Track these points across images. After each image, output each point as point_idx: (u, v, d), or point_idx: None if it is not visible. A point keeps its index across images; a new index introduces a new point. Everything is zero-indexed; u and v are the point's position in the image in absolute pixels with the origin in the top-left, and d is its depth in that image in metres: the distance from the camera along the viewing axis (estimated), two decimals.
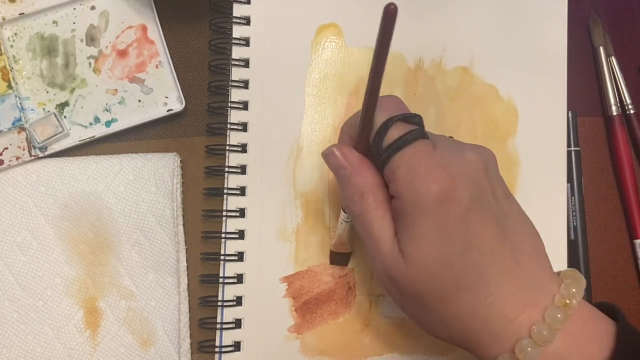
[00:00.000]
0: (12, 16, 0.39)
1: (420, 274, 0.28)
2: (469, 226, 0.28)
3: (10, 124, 0.39)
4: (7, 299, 0.38)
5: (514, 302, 0.28)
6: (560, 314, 0.27)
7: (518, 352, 0.27)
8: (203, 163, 0.40)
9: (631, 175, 0.41)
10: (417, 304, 0.29)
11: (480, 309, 0.28)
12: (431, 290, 0.28)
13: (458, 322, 0.29)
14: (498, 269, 0.28)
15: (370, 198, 0.30)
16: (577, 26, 0.42)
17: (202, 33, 0.41)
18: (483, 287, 0.28)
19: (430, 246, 0.28)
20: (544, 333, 0.27)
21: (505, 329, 0.28)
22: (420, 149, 0.28)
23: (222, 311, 0.38)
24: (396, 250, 0.29)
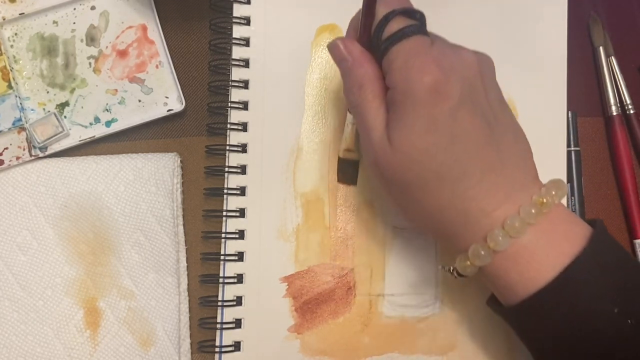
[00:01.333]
0: (12, 16, 0.39)
1: (404, 161, 0.29)
2: (456, 121, 0.29)
3: (10, 124, 0.39)
4: (7, 299, 0.38)
5: (492, 198, 0.29)
6: (535, 210, 0.29)
7: (489, 241, 0.29)
8: (203, 163, 0.40)
9: (631, 175, 0.41)
10: (401, 192, 0.31)
11: (459, 201, 0.29)
12: (414, 178, 0.30)
13: (437, 212, 0.30)
14: (480, 166, 0.29)
15: (368, 89, 0.31)
16: (577, 26, 0.42)
17: (202, 33, 0.41)
18: (463, 180, 0.29)
19: (416, 135, 0.29)
20: (516, 225, 0.29)
21: (480, 221, 0.29)
22: (418, 43, 0.29)
23: (222, 311, 0.38)
24: (385, 139, 0.30)
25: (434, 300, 0.38)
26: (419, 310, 0.38)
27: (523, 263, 0.29)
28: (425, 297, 0.38)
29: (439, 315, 0.38)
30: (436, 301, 0.38)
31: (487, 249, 0.29)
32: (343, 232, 0.39)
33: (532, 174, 0.31)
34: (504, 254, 0.29)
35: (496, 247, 0.29)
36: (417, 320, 0.38)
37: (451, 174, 0.29)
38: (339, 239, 0.39)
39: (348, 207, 0.39)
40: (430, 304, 0.38)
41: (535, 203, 0.29)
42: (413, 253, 0.39)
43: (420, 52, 0.29)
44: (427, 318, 0.38)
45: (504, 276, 0.30)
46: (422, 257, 0.39)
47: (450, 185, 0.29)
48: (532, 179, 0.31)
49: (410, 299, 0.38)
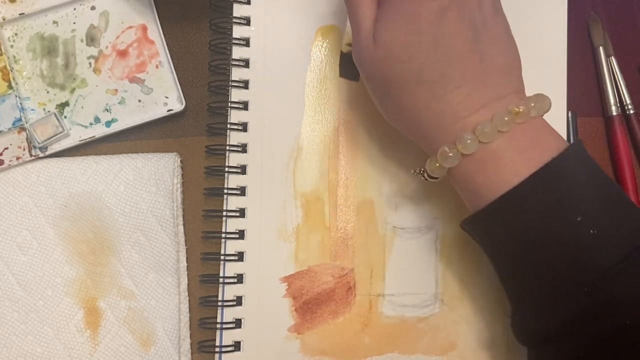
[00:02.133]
0: (12, 16, 0.39)
1: (385, 58, 0.30)
2: (441, 23, 0.29)
3: (10, 124, 0.39)
4: (7, 299, 0.38)
5: (469, 104, 0.29)
6: (508, 118, 0.29)
7: (458, 144, 0.29)
8: (203, 163, 0.40)
9: (631, 175, 0.41)
10: (381, 89, 0.31)
11: (435, 103, 0.30)
12: (393, 76, 0.30)
13: (414, 113, 0.31)
14: (461, 72, 0.29)
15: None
16: (577, 26, 0.42)
17: (202, 33, 0.41)
18: (442, 84, 0.29)
19: (398, 32, 0.29)
20: (486, 131, 0.29)
21: (454, 125, 0.30)
22: None
23: (222, 311, 0.38)
24: (371, 34, 0.30)
25: (434, 300, 0.38)
26: (419, 310, 0.38)
27: (489, 167, 0.29)
28: (425, 297, 0.38)
29: (439, 315, 0.38)
30: (436, 301, 0.38)
31: (455, 151, 0.29)
32: (343, 232, 0.39)
33: (514, 87, 0.31)
34: (472, 158, 0.29)
35: (464, 149, 0.29)
36: (417, 320, 0.38)
37: (430, 76, 0.29)
38: (339, 239, 0.39)
39: (348, 207, 0.39)
40: (430, 304, 0.38)
41: (510, 112, 0.29)
42: (413, 253, 0.39)
43: None
44: (427, 318, 0.38)
45: (470, 180, 0.30)
46: (422, 257, 0.39)
47: (428, 88, 0.29)
48: (515, 91, 0.31)
49: (410, 299, 0.38)
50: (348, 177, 0.39)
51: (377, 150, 0.39)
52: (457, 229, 0.38)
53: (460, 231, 0.37)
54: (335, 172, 0.39)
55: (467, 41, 0.29)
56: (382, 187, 0.39)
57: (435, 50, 0.29)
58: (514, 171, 0.29)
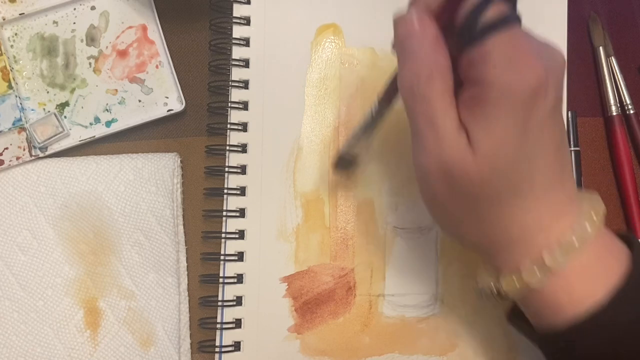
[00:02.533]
0: (12, 16, 0.39)
1: (487, 169, 0.26)
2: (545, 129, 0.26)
3: (10, 124, 0.39)
4: (7, 299, 0.38)
5: (552, 212, 0.27)
6: (590, 226, 0.27)
7: (547, 259, 0.27)
8: (203, 163, 0.40)
9: (631, 175, 0.41)
10: (466, 203, 0.27)
11: (521, 215, 0.27)
12: (493, 190, 0.26)
13: (496, 225, 0.27)
14: (548, 179, 0.27)
15: (439, 80, 0.26)
16: (577, 26, 0.42)
17: (202, 33, 0.41)
18: (532, 193, 0.27)
19: (508, 141, 0.25)
20: (575, 242, 0.26)
21: (536, 237, 0.27)
22: (519, 34, 0.25)
23: (222, 311, 0.38)
24: (463, 143, 0.26)
25: (434, 300, 0.38)
26: (419, 310, 0.38)
27: (574, 282, 0.27)
28: (425, 297, 0.38)
29: (439, 315, 0.38)
30: (436, 301, 0.38)
31: (543, 267, 0.27)
32: (343, 232, 0.39)
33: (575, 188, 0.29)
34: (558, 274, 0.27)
35: (555, 265, 0.26)
36: (417, 320, 0.38)
37: (525, 186, 0.26)
38: (339, 239, 0.39)
39: (348, 207, 0.39)
40: (430, 304, 0.38)
41: (589, 218, 0.27)
42: (413, 253, 0.39)
43: (523, 45, 0.25)
44: (427, 318, 0.38)
45: (551, 297, 0.27)
46: (422, 257, 0.39)
47: (520, 198, 0.27)
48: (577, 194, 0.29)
49: (410, 299, 0.38)
50: (348, 177, 0.39)
51: (377, 150, 0.39)
52: None
53: None
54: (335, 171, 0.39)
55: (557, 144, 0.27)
56: (382, 187, 0.39)
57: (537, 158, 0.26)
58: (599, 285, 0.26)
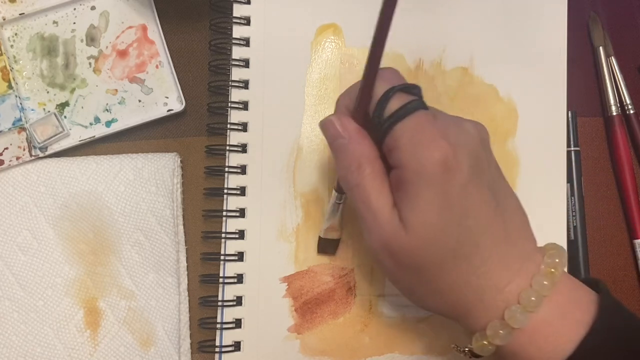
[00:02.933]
0: (12, 16, 0.39)
1: (421, 242, 0.28)
2: (468, 195, 0.28)
3: (10, 124, 0.39)
4: (7, 299, 0.38)
5: (504, 271, 0.29)
6: (547, 282, 0.28)
7: (508, 318, 0.28)
8: (203, 163, 0.40)
9: (631, 175, 0.41)
10: (413, 274, 0.30)
11: (474, 278, 0.29)
12: (430, 258, 0.28)
13: (450, 291, 0.29)
14: (491, 239, 0.29)
15: (368, 168, 0.29)
16: (577, 26, 0.42)
17: (202, 33, 0.41)
18: (477, 255, 0.28)
19: (432, 214, 0.28)
20: (532, 299, 0.28)
21: (495, 298, 0.29)
22: (422, 118, 0.28)
23: (222, 311, 0.38)
24: (396, 220, 0.28)
25: None
26: (419, 310, 0.38)
27: (541, 337, 0.28)
28: None
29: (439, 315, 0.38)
30: None
31: (506, 326, 0.28)
32: (343, 232, 0.39)
33: (534, 242, 0.31)
34: (522, 330, 0.28)
35: (515, 324, 0.28)
36: (417, 320, 0.38)
37: (466, 250, 0.28)
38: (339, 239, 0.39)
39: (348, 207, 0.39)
40: None
41: (546, 274, 0.29)
42: None
43: (425, 128, 0.28)
44: (427, 318, 0.38)
45: (522, 353, 0.29)
46: None
47: (465, 262, 0.28)
48: (535, 247, 0.30)
49: None
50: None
51: None
52: None
53: None
54: (335, 172, 0.39)
55: (491, 206, 0.29)
56: None
57: (467, 222, 0.28)
58: (566, 339, 0.28)
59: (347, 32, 0.40)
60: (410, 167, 0.28)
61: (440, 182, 0.27)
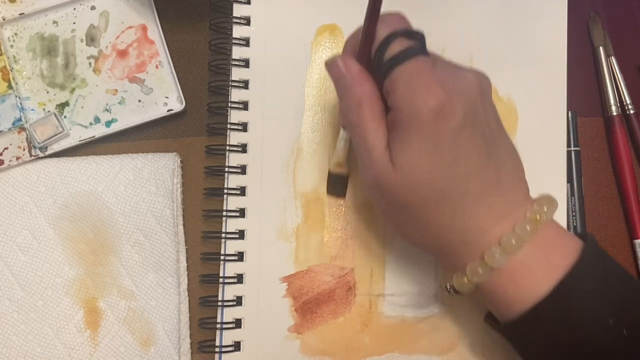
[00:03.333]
0: (12, 16, 0.39)
1: (408, 183, 0.29)
2: (459, 141, 0.29)
3: (10, 124, 0.39)
4: (7, 299, 0.38)
5: (490, 216, 0.30)
6: (530, 227, 0.29)
7: (487, 258, 0.29)
8: (203, 163, 0.40)
9: (631, 175, 0.41)
10: (402, 212, 0.31)
11: (459, 220, 0.30)
12: (417, 198, 0.30)
13: (437, 231, 0.30)
14: (480, 185, 0.30)
15: (367, 108, 0.31)
16: (577, 26, 0.42)
17: (202, 33, 0.41)
18: (464, 200, 0.30)
19: (420, 157, 0.29)
20: (513, 242, 0.29)
21: (479, 240, 0.30)
22: (420, 64, 0.29)
23: (222, 311, 0.38)
24: (387, 159, 0.30)
25: (434, 300, 0.38)
26: (419, 310, 0.38)
27: (519, 278, 0.29)
28: (425, 297, 0.38)
29: (439, 315, 0.38)
30: (436, 301, 0.38)
31: (485, 266, 0.30)
32: (343, 232, 0.39)
33: (525, 192, 0.32)
34: (501, 271, 0.30)
35: (494, 264, 0.29)
36: (417, 320, 0.38)
37: (453, 194, 0.29)
38: (339, 239, 0.39)
39: (348, 207, 0.39)
40: (430, 304, 0.38)
41: (530, 220, 0.30)
42: (413, 253, 0.38)
43: (423, 73, 0.29)
44: (427, 318, 0.38)
45: (501, 292, 0.30)
46: (422, 257, 0.38)
47: (451, 205, 0.29)
48: (525, 196, 0.31)
49: (410, 299, 0.38)
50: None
51: None
52: None
53: None
54: None
55: (483, 153, 0.30)
56: None
57: (457, 168, 0.29)
58: (543, 280, 0.29)
59: (347, 33, 0.40)
60: (405, 110, 0.29)
61: (432, 127, 0.28)
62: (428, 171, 0.29)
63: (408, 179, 0.29)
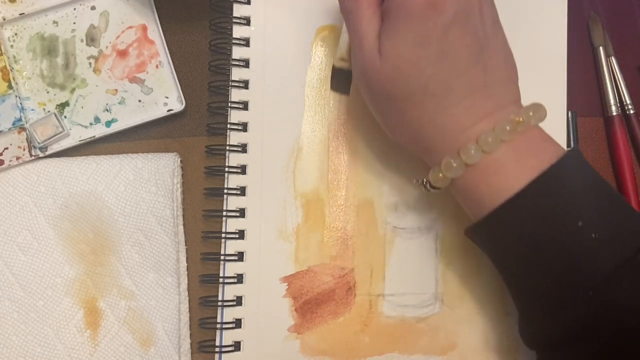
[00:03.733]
0: (12, 16, 0.39)
1: (392, 72, 0.30)
2: (447, 37, 0.29)
3: (10, 124, 0.39)
4: (8, 299, 0.38)
5: (472, 114, 0.30)
6: (509, 127, 0.29)
7: (462, 154, 0.30)
8: (203, 163, 0.40)
9: (631, 175, 0.41)
10: (385, 102, 0.31)
11: (439, 116, 0.30)
12: (399, 89, 0.30)
13: (417, 125, 0.31)
14: (465, 84, 0.30)
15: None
16: (577, 26, 0.42)
17: (202, 33, 0.41)
18: (447, 97, 0.30)
19: (405, 47, 0.29)
20: (489, 140, 0.29)
21: (457, 136, 0.30)
22: None
23: (222, 311, 0.38)
24: (375, 48, 0.30)
25: (434, 300, 0.38)
26: (419, 310, 0.38)
27: (491, 175, 0.30)
28: (425, 297, 0.38)
29: (439, 315, 0.38)
30: (436, 301, 0.38)
31: (459, 161, 0.30)
32: (343, 232, 0.39)
33: (513, 97, 0.32)
34: (475, 167, 0.30)
35: (468, 159, 0.30)
36: (417, 320, 0.38)
37: (436, 89, 0.29)
38: (339, 239, 0.39)
39: (348, 207, 0.39)
40: (430, 304, 0.38)
41: (511, 121, 0.29)
42: (413, 253, 0.39)
43: None
44: (427, 318, 0.38)
45: (473, 189, 0.30)
46: (422, 257, 0.39)
47: (434, 101, 0.30)
48: (513, 101, 0.31)
49: (410, 299, 0.38)
50: (348, 177, 0.39)
51: (378, 150, 0.39)
52: (457, 229, 0.38)
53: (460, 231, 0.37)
54: (335, 172, 0.39)
55: (472, 53, 0.30)
56: (382, 187, 0.39)
57: (442, 64, 0.29)
58: (515, 179, 0.29)
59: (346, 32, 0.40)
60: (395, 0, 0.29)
61: (421, 18, 0.29)
62: (413, 63, 0.29)
63: (392, 68, 0.29)
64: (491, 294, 0.38)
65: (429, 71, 0.29)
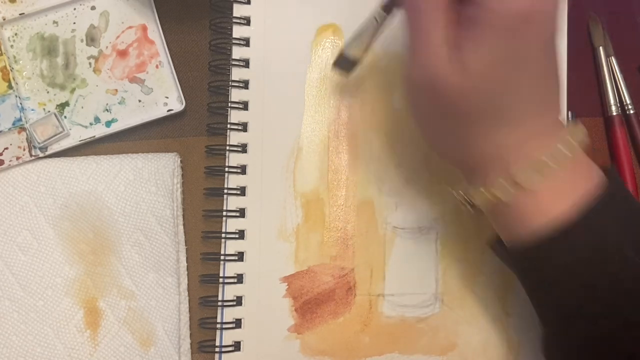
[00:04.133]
0: (12, 16, 0.39)
1: (471, 86, 0.27)
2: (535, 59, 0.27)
3: (10, 124, 0.39)
4: (7, 299, 0.38)
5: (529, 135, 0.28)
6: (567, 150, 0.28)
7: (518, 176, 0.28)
8: (203, 163, 0.40)
9: (631, 175, 0.41)
10: (446, 117, 0.29)
11: (501, 137, 0.28)
12: (470, 105, 0.27)
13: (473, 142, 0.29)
14: (532, 109, 0.28)
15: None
16: (577, 26, 0.42)
17: (202, 33, 0.41)
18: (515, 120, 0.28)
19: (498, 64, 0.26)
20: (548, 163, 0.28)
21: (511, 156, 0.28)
22: None
23: (222, 311, 0.38)
24: (453, 57, 0.27)
25: (434, 300, 0.38)
26: (419, 310, 0.38)
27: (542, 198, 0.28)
28: (425, 297, 0.38)
29: (439, 315, 0.38)
30: (436, 301, 0.38)
31: (512, 182, 0.28)
32: (343, 232, 0.39)
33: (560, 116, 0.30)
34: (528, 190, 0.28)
35: (524, 181, 0.28)
36: (417, 320, 0.38)
37: (511, 110, 0.28)
38: (339, 239, 0.39)
39: (348, 207, 0.39)
40: (430, 304, 0.38)
41: (566, 143, 0.28)
42: (413, 253, 0.39)
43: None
44: (427, 318, 0.38)
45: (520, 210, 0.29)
46: (422, 257, 0.39)
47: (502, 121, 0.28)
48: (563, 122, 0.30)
49: (410, 299, 0.38)
50: (348, 177, 0.39)
51: (378, 150, 0.39)
52: (458, 229, 0.38)
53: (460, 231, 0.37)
54: (335, 172, 0.39)
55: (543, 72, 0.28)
56: (382, 187, 0.39)
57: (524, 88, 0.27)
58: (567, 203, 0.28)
59: (347, 32, 0.40)
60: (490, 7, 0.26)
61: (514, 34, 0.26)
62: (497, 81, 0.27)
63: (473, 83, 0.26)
64: (491, 294, 0.38)
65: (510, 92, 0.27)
